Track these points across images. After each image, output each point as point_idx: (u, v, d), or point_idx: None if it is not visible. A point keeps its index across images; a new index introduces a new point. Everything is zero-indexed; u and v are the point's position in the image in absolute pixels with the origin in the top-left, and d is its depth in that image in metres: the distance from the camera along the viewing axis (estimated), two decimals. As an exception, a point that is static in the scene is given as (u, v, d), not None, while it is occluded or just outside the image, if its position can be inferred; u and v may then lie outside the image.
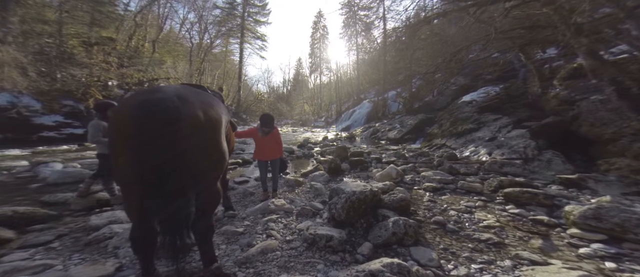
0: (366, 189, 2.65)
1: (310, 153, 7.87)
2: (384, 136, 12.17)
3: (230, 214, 2.68)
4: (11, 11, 9.30)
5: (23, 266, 1.58)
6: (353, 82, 31.39)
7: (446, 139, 7.59)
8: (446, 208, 2.99)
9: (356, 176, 4.82)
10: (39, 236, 2.14)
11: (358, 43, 29.45)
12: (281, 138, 3.04)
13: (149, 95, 1.20)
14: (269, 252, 1.90)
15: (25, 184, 3.89)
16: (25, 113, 9.23)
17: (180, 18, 23.28)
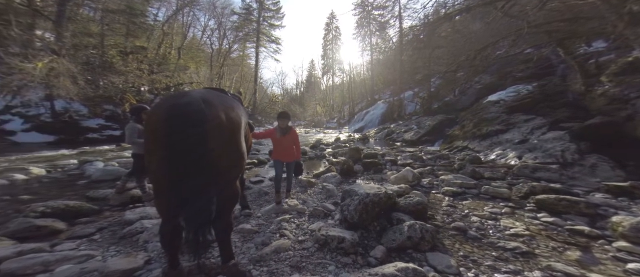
0: (380, 191, 2.58)
1: (323, 154, 7.85)
2: (399, 138, 11.79)
3: (246, 212, 2.75)
4: (64, 27, 10.58)
5: (71, 256, 1.77)
6: (367, 82, 30.89)
7: (469, 141, 7.15)
8: (467, 214, 2.82)
9: (369, 178, 4.72)
10: (84, 228, 2.38)
11: (372, 43, 28.86)
12: (299, 140, 3.03)
13: (178, 100, 1.31)
14: (282, 251, 1.93)
15: (74, 181, 4.35)
16: (75, 117, 10.47)
17: (202, 25, 24.72)
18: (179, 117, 1.23)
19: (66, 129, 9.92)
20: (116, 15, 13.42)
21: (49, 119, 9.89)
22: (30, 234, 2.13)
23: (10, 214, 2.66)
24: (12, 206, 2.95)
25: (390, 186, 3.63)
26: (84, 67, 10.67)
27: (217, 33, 25.95)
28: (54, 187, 3.96)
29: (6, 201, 3.15)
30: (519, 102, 7.35)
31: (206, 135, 1.24)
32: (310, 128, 27.63)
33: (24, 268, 1.56)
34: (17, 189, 3.73)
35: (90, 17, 13.45)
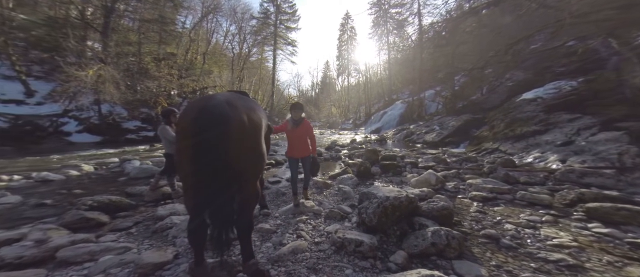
0: (401, 194, 2.49)
1: (338, 155, 7.78)
2: (419, 139, 11.25)
3: (265, 212, 2.82)
4: (109, 37, 11.95)
5: (112, 247, 1.96)
6: (384, 82, 30.09)
7: (500, 142, 6.59)
8: (500, 221, 2.61)
9: (388, 180, 4.57)
10: (123, 222, 2.62)
11: (389, 42, 28.11)
12: (314, 133, 2.93)
13: (205, 103, 1.39)
14: (299, 252, 1.95)
15: (116, 178, 4.83)
16: (117, 119, 11.69)
17: (224, 31, 25.98)
18: (205, 119, 1.30)
19: (110, 130, 11.13)
20: (151, 24, 14.78)
21: (97, 121, 11.17)
22: (81, 225, 2.40)
23: (66, 207, 3.04)
24: (67, 199, 3.37)
25: (411, 190, 3.48)
26: (124, 73, 11.82)
27: (238, 38, 27.13)
28: (100, 183, 4.45)
29: (63, 195, 3.61)
30: (561, 99, 6.61)
31: (230, 136, 1.31)
32: (325, 129, 27.61)
33: (75, 256, 1.77)
34: (71, 184, 4.25)
35: (129, 27, 14.95)
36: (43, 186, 4.07)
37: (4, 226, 2.40)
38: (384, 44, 28.99)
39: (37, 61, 11.73)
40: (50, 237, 1.99)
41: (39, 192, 3.71)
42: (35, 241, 1.90)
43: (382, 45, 29.68)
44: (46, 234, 2.02)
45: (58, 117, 10.43)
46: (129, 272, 1.61)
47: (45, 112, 10.37)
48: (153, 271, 1.62)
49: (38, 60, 11.72)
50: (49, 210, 2.97)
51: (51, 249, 1.82)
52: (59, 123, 10.42)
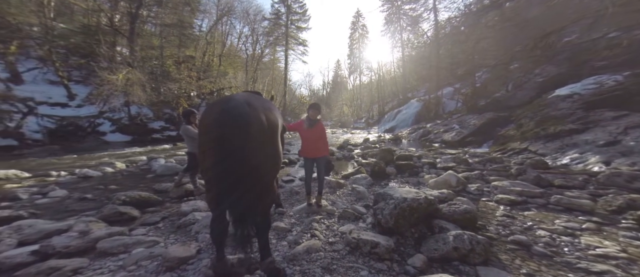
0: (420, 196, 2.41)
1: (351, 155, 7.68)
2: (437, 138, 10.78)
3: (279, 211, 2.87)
4: (135, 42, 12.85)
5: (142, 240, 2.11)
6: (398, 80, 29.29)
7: (529, 142, 6.14)
8: (531, 226, 2.45)
9: (404, 181, 4.45)
10: (151, 216, 2.80)
11: (403, 39, 27.23)
12: (326, 134, 2.94)
13: (226, 104, 1.43)
14: (313, 252, 1.96)
15: (144, 175, 5.19)
16: (144, 120, 12.52)
17: (238, 33, 26.87)
18: (226, 119, 1.35)
19: (138, 130, 11.97)
20: (171, 28, 15.64)
21: (127, 122, 12.11)
22: (116, 218, 2.63)
23: (103, 201, 3.33)
24: (104, 194, 3.69)
25: (429, 191, 3.36)
26: (149, 76, 12.61)
27: (251, 39, 27.91)
28: (131, 179, 4.82)
29: (100, 190, 3.96)
30: (603, 95, 6.03)
31: (249, 135, 1.34)
32: (337, 128, 27.45)
33: (111, 248, 1.94)
34: (107, 180, 4.65)
35: (152, 32, 15.93)
36: (84, 182, 4.50)
37: (55, 217, 2.69)
38: (398, 42, 28.23)
39: (75, 66, 12.88)
40: (91, 229, 2.20)
41: (81, 187, 4.10)
42: (79, 232, 2.12)
43: (396, 43, 28.94)
44: (88, 226, 2.23)
45: (95, 118, 11.46)
46: (157, 265, 1.73)
47: (84, 113, 11.44)
48: (178, 265, 1.72)
49: (76, 66, 12.86)
50: (90, 204, 3.27)
51: (92, 240, 2.01)
52: (96, 124, 11.44)
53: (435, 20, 20.32)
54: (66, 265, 1.63)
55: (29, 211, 2.81)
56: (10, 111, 9.31)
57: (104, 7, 13.10)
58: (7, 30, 10.36)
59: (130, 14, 12.98)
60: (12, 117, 9.24)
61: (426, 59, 21.29)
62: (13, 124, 9.13)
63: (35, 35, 11.41)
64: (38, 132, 9.64)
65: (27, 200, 3.36)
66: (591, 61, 7.74)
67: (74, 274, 1.61)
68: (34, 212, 2.81)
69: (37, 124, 9.82)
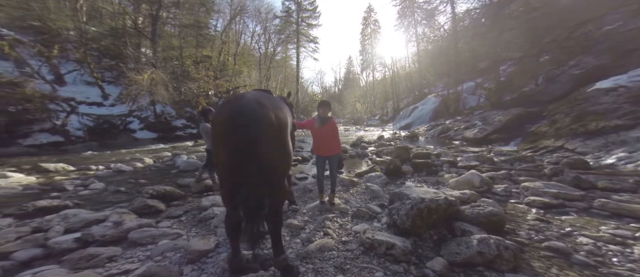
0: (439, 196, 2.31)
1: (365, 153, 7.55)
2: (457, 136, 10.21)
3: (293, 208, 2.90)
4: (157, 43, 13.61)
5: (167, 232, 2.26)
6: (413, 76, 28.30)
7: (565, 139, 5.62)
8: (571, 233, 2.24)
9: (422, 180, 4.28)
10: (175, 210, 2.97)
11: (418, 33, 26.01)
12: (338, 133, 2.91)
13: (237, 102, 1.47)
14: (326, 250, 1.96)
15: (169, 170, 5.53)
16: (168, 118, 13.32)
17: (251, 32, 27.46)
18: (237, 117, 1.38)
19: (163, 127, 12.76)
20: (188, 29, 16.36)
21: (153, 120, 12.98)
22: (145, 211, 2.83)
23: (134, 194, 3.61)
24: (136, 188, 4.00)
25: (449, 191, 3.20)
26: (171, 76, 13.31)
27: (263, 37, 28.36)
28: (157, 174, 5.17)
29: (132, 183, 4.30)
30: None
31: (259, 133, 1.36)
32: (350, 126, 27.06)
33: (141, 238, 2.10)
34: (138, 175, 5.04)
35: (172, 33, 16.73)
36: (118, 176, 4.92)
37: (94, 207, 2.97)
38: (412, 36, 27.09)
39: (107, 68, 13.89)
40: (124, 220, 2.40)
41: (116, 180, 4.49)
42: (113, 222, 2.32)
43: (410, 37, 27.80)
44: (121, 218, 2.44)
45: (125, 117, 12.42)
46: (180, 257, 1.84)
47: (117, 112, 12.45)
48: (198, 258, 1.81)
49: (108, 67, 13.86)
50: (123, 196, 3.57)
51: (124, 230, 2.19)
52: (127, 122, 12.41)
53: (453, 13, 19.16)
54: (103, 253, 1.80)
55: (73, 201, 3.13)
56: (57, 110, 10.42)
57: (128, 9, 14.01)
58: (49, 35, 11.38)
59: (151, 16, 13.77)
60: (59, 115, 10.33)
61: (443, 53, 20.18)
62: (59, 122, 10.22)
63: (72, 38, 12.43)
64: (79, 129, 10.69)
65: (72, 191, 3.74)
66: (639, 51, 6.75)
67: (109, 261, 1.77)
68: (77, 203, 3.13)
69: (79, 122, 10.88)
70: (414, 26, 26.29)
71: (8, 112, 8.52)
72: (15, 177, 4.29)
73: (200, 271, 1.69)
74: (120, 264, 1.73)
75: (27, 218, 2.53)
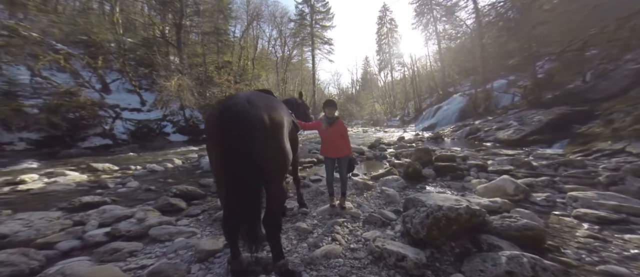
0: (460, 204, 2.09)
1: (383, 155, 7.20)
2: (489, 137, 9.30)
3: (303, 211, 2.85)
4: (182, 50, 14.79)
5: (184, 231, 2.37)
6: (435, 74, 26.85)
7: (626, 142, 4.81)
8: (637, 256, 1.85)
9: (445, 185, 3.94)
10: (194, 209, 3.12)
11: (438, 31, 24.70)
12: (348, 133, 2.81)
13: (227, 102, 1.46)
14: (332, 257, 1.88)
15: (194, 170, 5.89)
16: (196, 122, 14.35)
17: (267, 36, 28.44)
18: (226, 117, 1.35)
19: (192, 130, 13.76)
20: (210, 36, 17.46)
21: (183, 123, 14.17)
22: (167, 209, 3.04)
23: (161, 192, 3.91)
24: (164, 187, 4.33)
25: (476, 199, 2.91)
26: (196, 81, 14.29)
27: (279, 41, 29.31)
28: (184, 174, 5.56)
29: (161, 183, 4.68)
30: None
31: (250, 134, 1.32)
32: (368, 127, 26.38)
33: (160, 235, 2.24)
34: (167, 174, 5.48)
35: (195, 41, 18.00)
36: (151, 175, 5.41)
37: (126, 204, 3.27)
38: (432, 34, 25.87)
39: (143, 76, 15.41)
40: (147, 217, 2.60)
41: (149, 179, 4.94)
42: (138, 219, 2.53)
43: (430, 35, 26.61)
44: (146, 215, 2.66)
45: (160, 121, 13.74)
46: (191, 255, 1.92)
47: (153, 117, 13.82)
48: (207, 257, 1.87)
49: (143, 75, 15.39)
50: (152, 194, 3.89)
51: (146, 227, 2.37)
52: (162, 125, 13.70)
53: (475, 8, 17.78)
54: (125, 247, 1.96)
55: (111, 198, 3.50)
56: (105, 116, 11.96)
57: (156, 20, 15.56)
58: (94, 48, 13.05)
59: (175, 25, 15.04)
60: (106, 121, 11.86)
61: (468, 50, 18.79)
62: (108, 126, 11.73)
63: (112, 50, 14.01)
64: (124, 133, 12.10)
65: (113, 189, 4.19)
66: None
67: (130, 255, 1.92)
68: (114, 199, 3.49)
69: (123, 127, 12.32)
70: (434, 24, 25.10)
71: (68, 118, 9.95)
72: (71, 175, 4.97)
73: (206, 270, 1.74)
74: (139, 259, 1.86)
75: (74, 212, 2.89)
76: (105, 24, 13.94)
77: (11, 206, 3.13)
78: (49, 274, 1.55)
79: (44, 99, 9.84)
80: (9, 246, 1.93)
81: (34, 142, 9.39)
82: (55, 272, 1.56)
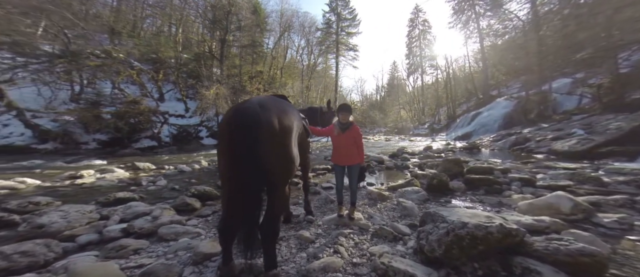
0: (492, 222, 1.76)
1: (405, 164, 6.66)
2: (541, 148, 7.90)
3: (309, 218, 2.73)
4: (223, 63, 16.44)
5: (190, 231, 2.41)
6: (475, 76, 24.59)
7: None
8: None
9: (476, 200, 3.42)
10: (206, 209, 3.21)
11: (480, 27, 22.44)
12: (362, 140, 2.62)
13: (239, 106, 1.49)
14: (330, 271, 1.70)
15: (216, 172, 6.11)
16: (227, 127, 16.14)
17: (296, 46, 29.60)
18: (236, 121, 1.39)
19: (223, 135, 15.43)
20: (247, 48, 19.09)
21: (216, 128, 15.52)
22: (183, 208, 3.18)
23: (183, 192, 4.14)
24: (186, 186, 4.61)
25: (515, 216, 2.44)
26: (231, 90, 15.55)
27: (306, 50, 30.38)
28: (206, 175, 5.92)
29: (185, 182, 5.03)
30: None
31: (258, 137, 1.34)
32: (392, 135, 25.03)
33: (167, 234, 2.32)
34: (192, 175, 5.92)
35: (235, 54, 19.81)
36: (179, 175, 5.91)
37: (150, 201, 3.54)
38: (473, 31, 23.79)
39: (190, 86, 17.53)
40: (162, 215, 2.76)
41: (176, 179, 5.39)
42: (153, 217, 2.70)
43: (470, 33, 24.46)
44: (162, 213, 2.83)
45: (197, 126, 15.30)
46: (189, 257, 1.92)
47: (193, 123, 15.45)
48: (203, 260, 1.84)
49: (190, 86, 17.49)
50: (174, 193, 4.16)
51: (158, 225, 2.48)
52: (198, 130, 15.23)
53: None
54: (131, 245, 2.06)
55: (140, 195, 3.84)
56: (156, 121, 13.85)
57: (207, 37, 17.75)
58: (159, 63, 15.62)
59: (221, 40, 16.81)
60: (156, 125, 13.70)
61: (519, 46, 16.38)
62: (156, 130, 13.54)
63: (171, 65, 16.53)
64: (167, 136, 13.79)
65: (144, 186, 4.62)
66: None
67: (134, 253, 2.00)
68: (142, 196, 3.81)
69: (168, 131, 14.04)
70: (475, 20, 22.94)
71: (130, 123, 11.85)
72: (118, 172, 5.70)
73: (198, 274, 1.70)
74: (140, 258, 1.92)
75: (106, 206, 3.21)
76: (170, 44, 16.81)
77: (63, 198, 3.64)
78: (55, 269, 1.68)
79: (117, 107, 12.00)
80: (41, 235, 2.18)
81: (101, 142, 11.33)
82: (60, 267, 1.68)
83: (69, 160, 7.88)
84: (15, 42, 10.17)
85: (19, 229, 2.48)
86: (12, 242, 2.01)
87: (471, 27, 24.01)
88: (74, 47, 11.35)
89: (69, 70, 11.38)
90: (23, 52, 10.64)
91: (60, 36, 11.35)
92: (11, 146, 9.35)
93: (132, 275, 1.67)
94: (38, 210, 2.99)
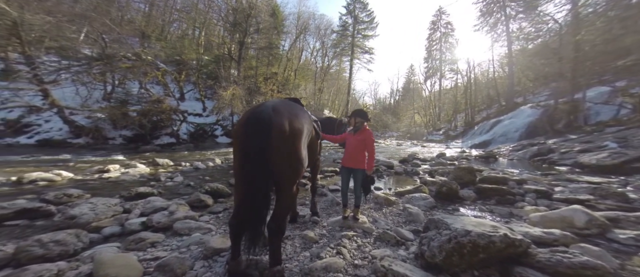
0: (495, 232, 1.77)
1: (415, 170, 6.53)
2: (565, 160, 7.40)
3: (314, 219, 2.80)
4: (241, 65, 17.04)
5: (202, 227, 2.57)
6: (499, 82, 23.47)
7: None
8: None
9: (486, 209, 3.34)
10: (218, 206, 3.37)
11: (509, 31, 21.17)
12: (374, 146, 2.61)
13: (254, 109, 1.58)
14: (332, 271, 1.77)
15: (229, 170, 6.47)
16: (240, 126, 16.74)
17: (311, 48, 29.70)
18: (250, 123, 1.48)
19: (236, 134, 16.04)
20: (264, 50, 19.54)
21: (230, 128, 16.09)
22: (196, 204, 3.38)
23: (197, 188, 4.38)
24: (200, 183, 4.84)
25: (524, 227, 2.41)
26: (246, 91, 16.05)
27: (321, 52, 30.32)
28: (220, 172, 6.17)
29: (200, 179, 5.29)
30: None
31: (268, 139, 1.42)
32: (404, 140, 24.45)
33: (181, 229, 2.50)
34: (207, 172, 6.20)
35: (252, 55, 20.36)
36: (195, 172, 6.22)
37: (167, 197, 3.77)
38: (501, 34, 22.55)
39: (208, 87, 18.31)
40: (177, 210, 2.97)
41: (191, 175, 5.69)
42: (169, 212, 2.92)
43: (498, 36, 23.15)
44: (177, 208, 3.05)
45: (213, 125, 15.98)
46: (200, 252, 2.06)
47: (209, 122, 16.13)
48: (212, 255, 1.97)
49: (209, 86, 18.22)
50: (189, 189, 4.41)
51: (173, 220, 2.67)
52: (213, 129, 15.88)
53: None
54: (149, 238, 2.24)
55: (159, 190, 4.10)
56: (175, 120, 14.68)
57: (226, 40, 18.45)
58: (182, 65, 16.55)
59: (239, 43, 17.44)
60: (176, 123, 14.52)
61: (552, 51, 15.24)
62: (176, 128, 14.34)
63: (193, 66, 17.41)
64: (185, 134, 14.56)
65: (162, 182, 4.91)
66: None
67: (151, 246, 2.17)
68: (160, 192, 4.07)
69: (186, 129, 14.82)
70: (504, 23, 21.74)
71: (152, 120, 12.65)
72: (139, 167, 6.11)
73: (208, 268, 1.83)
74: (157, 250, 2.09)
75: (129, 200, 3.47)
76: (193, 46, 17.78)
77: (92, 191, 3.98)
78: (83, 258, 1.88)
79: (142, 105, 12.88)
80: (73, 226, 2.42)
81: (126, 138, 12.20)
82: (87, 256, 1.88)
83: (97, 154, 8.61)
84: (62, 46, 11.31)
85: (55, 219, 2.77)
86: (48, 231, 2.26)
87: (499, 30, 22.87)
88: (109, 51, 12.32)
89: (103, 72, 12.41)
90: (67, 55, 11.75)
91: (98, 40, 12.36)
92: (51, 140, 10.37)
93: (149, 267, 1.83)
94: (71, 202, 3.31)
